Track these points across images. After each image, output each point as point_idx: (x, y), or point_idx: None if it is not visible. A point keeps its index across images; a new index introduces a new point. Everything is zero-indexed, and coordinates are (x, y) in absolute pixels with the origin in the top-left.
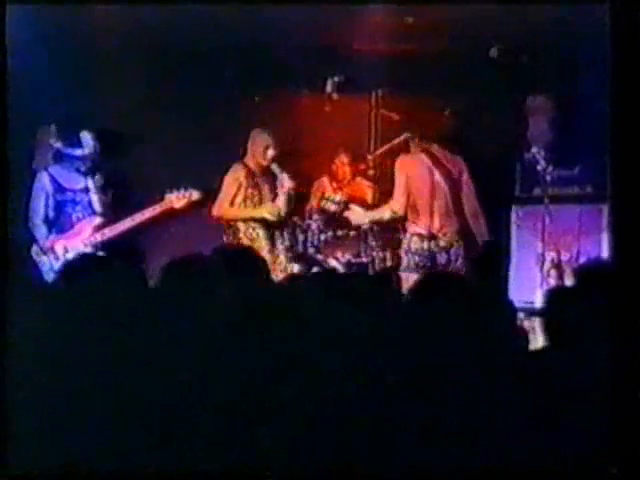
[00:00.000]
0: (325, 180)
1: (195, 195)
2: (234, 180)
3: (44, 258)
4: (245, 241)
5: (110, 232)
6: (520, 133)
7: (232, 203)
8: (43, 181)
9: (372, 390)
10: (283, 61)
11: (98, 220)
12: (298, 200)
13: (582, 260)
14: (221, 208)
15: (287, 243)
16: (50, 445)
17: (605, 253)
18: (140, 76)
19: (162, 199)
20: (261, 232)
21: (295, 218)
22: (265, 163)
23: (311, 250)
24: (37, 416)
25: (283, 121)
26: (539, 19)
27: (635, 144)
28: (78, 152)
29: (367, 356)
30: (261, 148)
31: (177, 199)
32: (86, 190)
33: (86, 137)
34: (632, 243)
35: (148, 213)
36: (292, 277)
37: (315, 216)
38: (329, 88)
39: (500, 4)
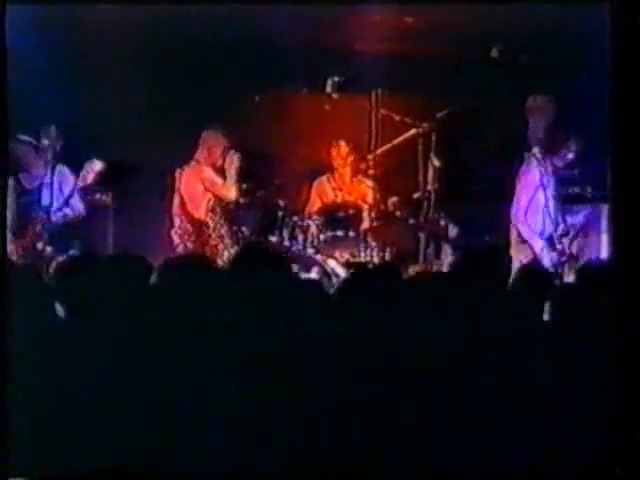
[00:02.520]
0: (324, 180)
1: (98, 165)
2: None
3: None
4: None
5: (54, 217)
6: (520, 133)
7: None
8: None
9: (371, 389)
10: (283, 61)
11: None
12: (298, 200)
13: (582, 260)
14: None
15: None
16: (50, 445)
17: (605, 253)
18: (140, 76)
19: None
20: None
21: (295, 218)
22: (220, 165)
23: (310, 250)
24: (37, 417)
25: (283, 121)
26: (539, 19)
27: (635, 144)
28: (44, 142)
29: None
30: (219, 150)
31: (86, 175)
32: (39, 188)
33: (51, 129)
34: (632, 243)
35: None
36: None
37: (314, 216)
38: (329, 88)
39: (500, 4)
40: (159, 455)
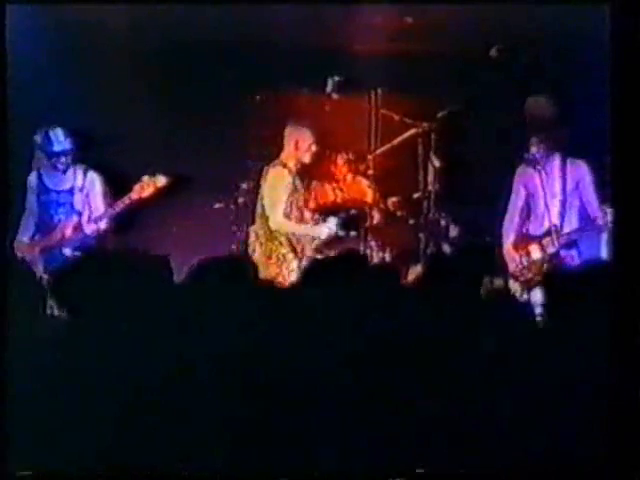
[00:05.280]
0: (325, 180)
1: (161, 181)
2: (283, 185)
3: (30, 257)
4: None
5: (89, 229)
6: (520, 133)
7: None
8: (31, 180)
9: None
10: (283, 61)
11: (78, 220)
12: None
13: (582, 259)
14: (277, 220)
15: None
16: (50, 445)
17: (605, 253)
18: (140, 75)
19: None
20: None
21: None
22: (308, 161)
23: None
24: (37, 416)
25: (283, 121)
26: (539, 19)
27: (635, 144)
28: (56, 148)
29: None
30: (306, 144)
31: (142, 188)
32: (70, 191)
33: (59, 134)
34: (632, 243)
35: (119, 207)
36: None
37: (315, 216)
38: (329, 88)
39: (500, 4)
40: (159, 455)
